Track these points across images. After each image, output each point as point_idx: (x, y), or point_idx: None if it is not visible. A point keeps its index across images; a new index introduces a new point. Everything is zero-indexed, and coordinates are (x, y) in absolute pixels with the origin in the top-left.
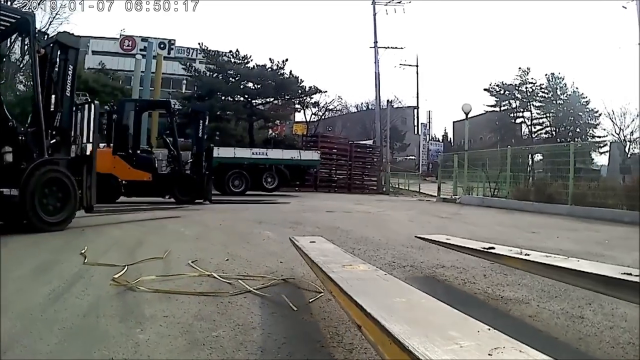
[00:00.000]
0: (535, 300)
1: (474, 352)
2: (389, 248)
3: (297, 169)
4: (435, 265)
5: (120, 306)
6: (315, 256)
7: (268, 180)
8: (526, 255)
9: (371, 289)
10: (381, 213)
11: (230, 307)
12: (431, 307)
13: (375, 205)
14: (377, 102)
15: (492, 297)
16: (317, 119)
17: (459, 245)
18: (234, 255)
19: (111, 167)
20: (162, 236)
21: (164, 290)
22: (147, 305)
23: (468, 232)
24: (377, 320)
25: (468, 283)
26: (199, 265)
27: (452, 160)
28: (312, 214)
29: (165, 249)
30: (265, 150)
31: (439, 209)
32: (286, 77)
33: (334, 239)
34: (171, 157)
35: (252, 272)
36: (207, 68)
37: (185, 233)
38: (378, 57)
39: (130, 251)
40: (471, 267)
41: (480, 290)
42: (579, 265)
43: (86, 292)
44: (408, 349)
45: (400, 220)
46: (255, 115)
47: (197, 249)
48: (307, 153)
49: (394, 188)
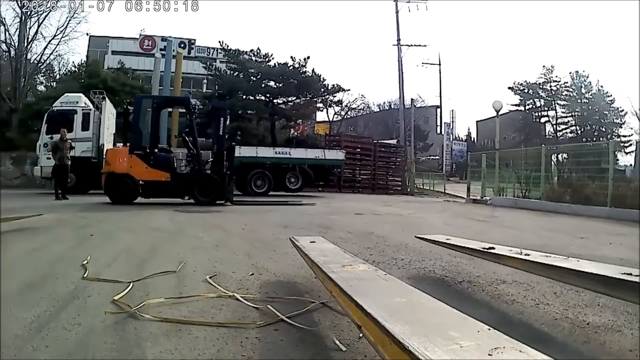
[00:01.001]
0: (626, 326)
1: (474, 352)
2: (435, 258)
3: (321, 169)
4: (494, 281)
5: (115, 343)
6: (315, 256)
7: (291, 180)
8: (526, 255)
9: (371, 289)
10: (413, 215)
11: (259, 345)
12: (431, 307)
13: (404, 206)
14: (401, 101)
15: (577, 323)
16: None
17: (459, 245)
18: (259, 268)
19: (127, 166)
20: (177, 243)
21: (174, 320)
22: (151, 342)
23: (515, 238)
24: (377, 320)
25: (541, 304)
26: (218, 281)
27: (481, 160)
28: (340, 217)
29: (179, 259)
30: (289, 149)
31: (471, 211)
32: (308, 76)
33: (370, 246)
34: (191, 156)
35: (282, 292)
36: (228, 67)
37: (203, 239)
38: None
39: (139, 262)
40: (535, 282)
41: (559, 313)
42: (579, 265)
43: (77, 319)
44: (408, 349)
45: (435, 225)
46: (277, 115)
47: (217, 260)
48: (332, 152)
49: (418, 188)
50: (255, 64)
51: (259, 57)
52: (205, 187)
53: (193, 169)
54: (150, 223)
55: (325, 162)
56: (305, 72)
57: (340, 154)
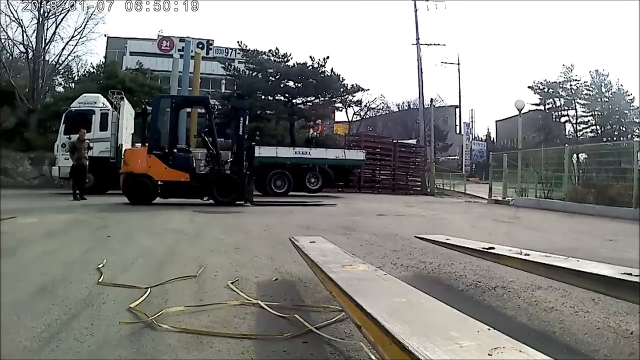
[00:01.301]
0: None
1: (474, 352)
2: (464, 261)
3: (341, 169)
4: (529, 286)
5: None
6: (315, 256)
7: (311, 180)
8: (526, 255)
9: (371, 289)
10: (436, 217)
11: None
12: (431, 307)
13: (426, 207)
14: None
15: (620, 333)
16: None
17: (459, 245)
18: (283, 272)
19: (146, 167)
20: (197, 245)
21: (194, 330)
22: (169, 356)
23: (543, 241)
24: (377, 320)
25: (580, 312)
26: (241, 287)
27: (502, 160)
28: (362, 218)
29: (199, 262)
30: (309, 149)
31: (494, 212)
32: (327, 75)
33: (397, 249)
34: (210, 156)
35: (309, 299)
36: (247, 67)
37: (224, 241)
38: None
39: (157, 266)
40: (571, 288)
41: (600, 322)
42: (579, 265)
43: (90, 329)
44: (408, 349)
45: (461, 226)
46: (296, 115)
47: (238, 264)
48: (352, 152)
49: (438, 189)
50: (274, 64)
51: (277, 57)
52: (225, 187)
53: (212, 169)
54: (169, 224)
55: (345, 162)
56: (324, 71)
57: (361, 154)
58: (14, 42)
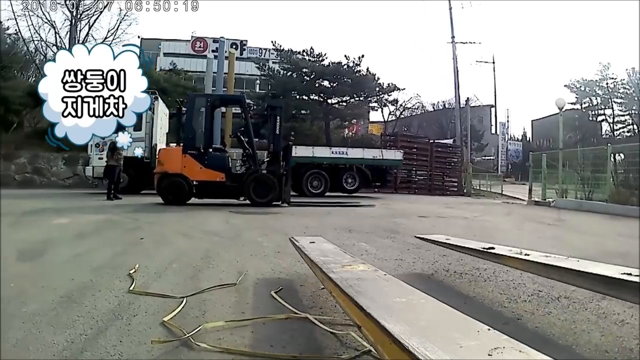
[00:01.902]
0: None
1: (474, 352)
2: None
3: (379, 169)
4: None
5: None
6: (315, 256)
7: (348, 181)
8: (526, 255)
9: (371, 289)
10: (478, 219)
11: None
12: (431, 307)
13: (467, 209)
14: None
15: None
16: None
17: (459, 245)
18: None
19: (181, 166)
20: (235, 249)
21: (237, 351)
22: None
23: (596, 245)
24: (377, 320)
25: None
26: (285, 297)
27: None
28: (404, 220)
29: (238, 268)
30: (345, 149)
31: (537, 214)
32: (362, 75)
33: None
34: (246, 155)
35: None
36: (281, 67)
37: (263, 244)
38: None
39: (193, 272)
40: None
41: None
42: (579, 265)
43: (119, 347)
44: (408, 349)
45: (506, 229)
46: (331, 115)
47: (280, 270)
48: (390, 152)
49: (475, 189)
50: (309, 64)
51: (312, 56)
52: (262, 187)
53: (249, 169)
54: (205, 226)
55: (383, 162)
56: (359, 71)
57: (398, 154)
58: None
